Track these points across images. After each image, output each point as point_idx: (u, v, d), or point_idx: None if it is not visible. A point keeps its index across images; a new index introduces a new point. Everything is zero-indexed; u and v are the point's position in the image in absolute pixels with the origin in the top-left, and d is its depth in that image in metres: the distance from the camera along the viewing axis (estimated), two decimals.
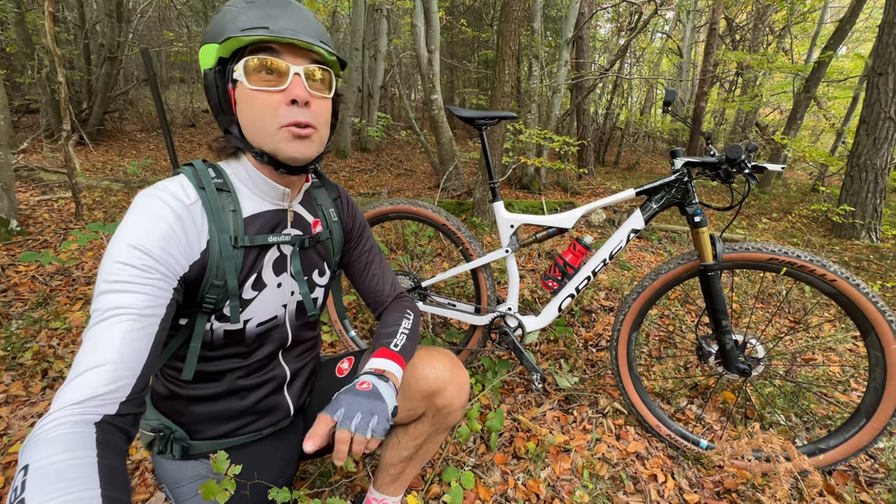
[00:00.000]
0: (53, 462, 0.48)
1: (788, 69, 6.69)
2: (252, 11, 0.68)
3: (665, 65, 13.55)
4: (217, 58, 0.70)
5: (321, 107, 0.73)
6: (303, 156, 0.72)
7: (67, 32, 7.38)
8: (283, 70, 0.68)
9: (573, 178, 6.77)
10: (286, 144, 0.70)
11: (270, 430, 0.90)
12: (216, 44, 0.68)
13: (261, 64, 0.67)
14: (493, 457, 1.38)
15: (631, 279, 2.81)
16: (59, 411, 0.53)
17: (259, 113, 0.69)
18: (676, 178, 1.33)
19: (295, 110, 0.69)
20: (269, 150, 0.72)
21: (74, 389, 0.54)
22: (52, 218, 3.13)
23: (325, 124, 0.75)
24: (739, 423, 1.58)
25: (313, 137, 0.72)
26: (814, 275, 1.21)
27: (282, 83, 0.68)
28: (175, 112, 9.95)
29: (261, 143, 0.72)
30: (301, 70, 0.69)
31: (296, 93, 0.68)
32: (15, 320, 1.92)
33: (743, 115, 9.60)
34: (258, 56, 0.68)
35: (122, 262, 0.61)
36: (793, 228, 4.72)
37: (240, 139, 0.74)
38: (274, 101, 0.69)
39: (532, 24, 5.65)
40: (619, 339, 1.48)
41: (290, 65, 0.68)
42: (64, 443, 0.50)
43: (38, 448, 0.49)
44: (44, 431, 0.51)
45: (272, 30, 0.66)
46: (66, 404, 0.53)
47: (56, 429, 0.51)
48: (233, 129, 0.74)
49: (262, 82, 0.68)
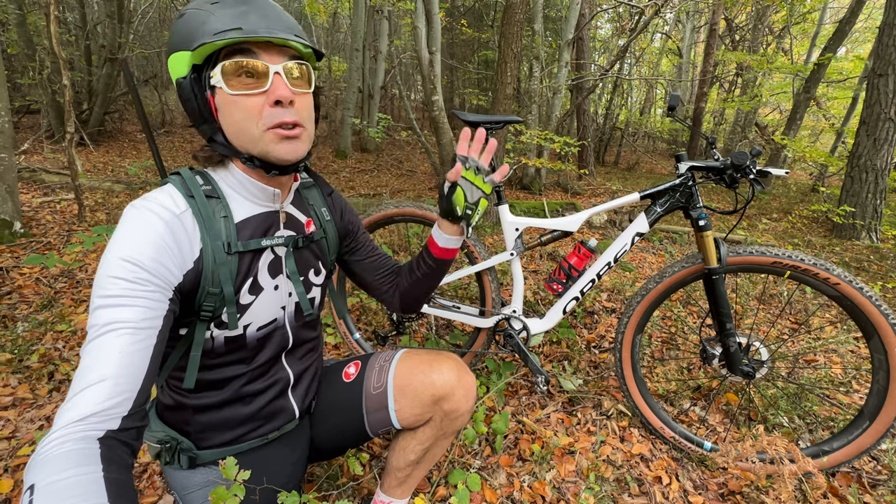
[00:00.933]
0: (59, 480, 0.48)
1: (788, 69, 6.71)
2: (220, 11, 0.65)
3: (665, 65, 13.57)
4: (190, 65, 0.67)
5: (304, 103, 0.72)
6: (294, 156, 0.71)
7: (69, 33, 7.38)
8: (262, 70, 0.66)
9: (574, 178, 6.78)
10: (275, 146, 0.69)
11: (276, 433, 0.90)
12: (188, 51, 0.66)
13: (238, 66, 0.65)
14: (499, 459, 1.39)
15: (633, 280, 2.82)
16: (61, 429, 0.53)
17: (243, 118, 0.68)
18: (681, 182, 1.34)
19: (280, 111, 0.68)
20: (259, 154, 0.70)
21: (75, 407, 0.54)
22: (54, 220, 3.13)
23: (310, 120, 0.74)
24: (743, 426, 1.59)
25: (302, 136, 0.71)
26: (817, 278, 1.22)
27: (262, 84, 0.67)
28: (175, 112, 9.95)
29: (248, 149, 0.70)
30: (280, 68, 0.67)
31: (279, 93, 0.67)
32: (20, 323, 1.92)
33: (742, 115, 9.62)
34: (234, 59, 0.65)
35: (115, 277, 0.61)
36: (793, 229, 4.74)
37: (226, 146, 0.72)
38: (257, 104, 0.67)
39: (532, 25, 5.66)
40: (623, 342, 1.49)
41: (268, 64, 0.66)
42: (69, 460, 0.50)
43: (43, 467, 0.49)
44: (48, 450, 0.51)
45: (245, 30, 0.64)
46: (68, 422, 0.53)
47: (60, 447, 0.51)
48: (217, 137, 0.72)
49: (242, 86, 0.66)
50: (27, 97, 7.09)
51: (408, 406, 0.92)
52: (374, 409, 0.94)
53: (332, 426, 0.98)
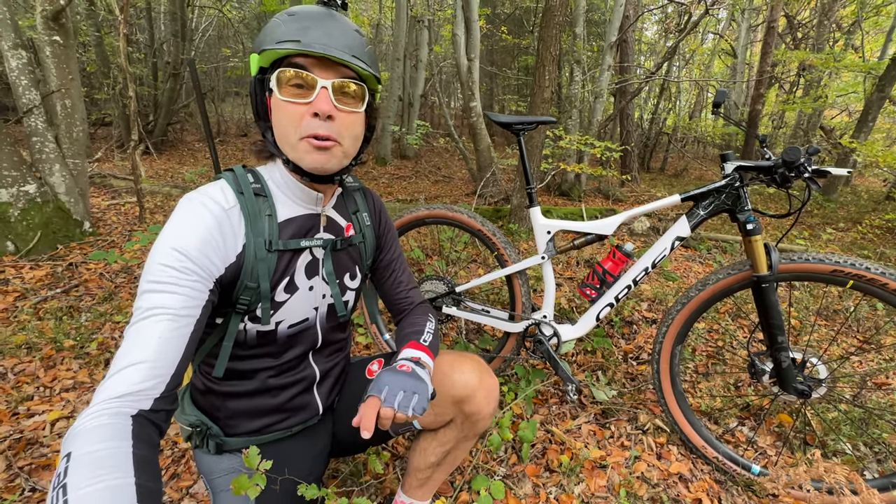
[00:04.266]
0: (93, 451, 0.51)
1: (858, 67, 6.16)
2: (291, 24, 0.70)
3: (717, 66, 12.89)
4: (258, 66, 0.74)
5: (348, 120, 0.74)
6: (321, 166, 0.74)
7: (139, 52, 8.09)
8: (311, 83, 0.70)
9: (615, 184, 6.55)
10: (305, 155, 0.72)
11: (300, 427, 0.92)
12: (257, 54, 0.72)
13: (291, 76, 0.70)
14: (525, 468, 1.35)
15: (676, 290, 2.67)
16: (99, 404, 0.57)
17: (286, 123, 0.72)
18: (727, 184, 1.25)
19: (316, 123, 0.71)
20: (293, 159, 0.75)
21: (114, 385, 0.58)
22: (119, 220, 3.41)
23: (350, 137, 0.76)
24: (797, 450, 1.45)
25: (334, 151, 0.73)
26: (886, 289, 1.09)
27: (309, 96, 0.70)
28: (230, 123, 10.61)
29: (287, 152, 0.75)
30: (329, 84, 0.70)
31: (319, 106, 0.70)
32: (84, 313, 2.10)
33: (805, 117, 8.94)
34: (290, 69, 0.70)
35: (163, 264, 0.65)
36: (863, 240, 4.31)
37: (273, 145, 0.77)
38: (299, 112, 0.71)
39: (574, 28, 5.56)
40: (662, 353, 1.40)
41: (318, 78, 0.70)
42: (103, 433, 0.53)
43: (80, 438, 0.53)
44: (85, 422, 0.55)
45: (303, 43, 0.68)
46: (105, 398, 0.57)
47: (96, 419, 0.55)
48: (268, 134, 0.78)
49: (291, 94, 0.70)
50: (102, 111, 7.81)
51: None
52: None
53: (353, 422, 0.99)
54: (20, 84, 2.66)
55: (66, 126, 2.84)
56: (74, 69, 2.84)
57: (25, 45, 2.70)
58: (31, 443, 1.35)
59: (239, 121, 10.87)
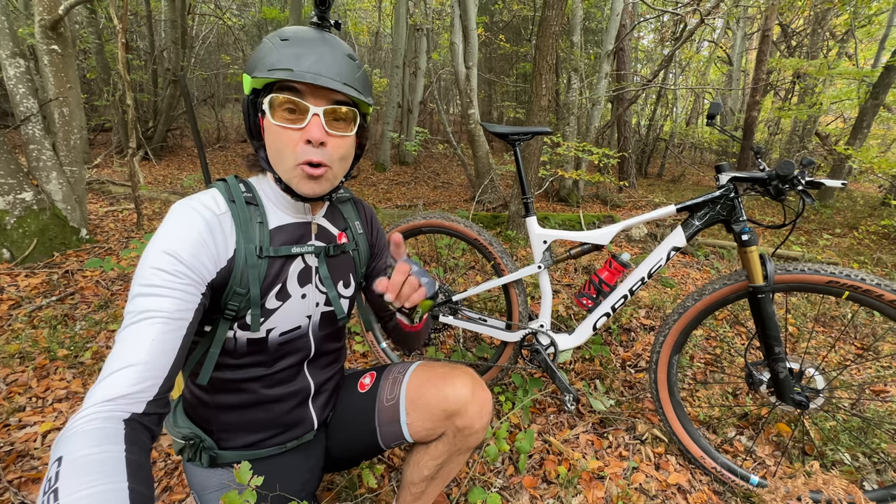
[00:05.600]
0: (85, 455, 0.51)
1: (852, 75, 6.22)
2: (283, 50, 0.71)
3: (713, 73, 12.99)
4: (251, 88, 0.74)
5: (338, 144, 0.75)
6: (313, 193, 0.76)
7: (139, 59, 8.12)
8: (304, 109, 0.71)
9: (613, 190, 6.57)
10: (299, 181, 0.74)
11: (294, 443, 0.91)
12: (249, 76, 0.73)
13: (283, 102, 0.71)
14: (522, 479, 1.34)
15: (674, 297, 2.67)
16: (91, 408, 0.56)
17: (280, 147, 0.73)
18: (722, 195, 1.26)
19: (310, 149, 0.72)
20: (285, 181, 0.76)
21: (106, 388, 0.58)
22: (116, 227, 3.40)
23: (340, 160, 0.77)
24: (796, 460, 1.44)
25: (326, 175, 0.75)
26: (882, 300, 1.10)
27: (301, 122, 0.71)
28: (229, 129, 10.63)
29: (279, 173, 0.76)
30: (321, 111, 0.71)
31: (311, 133, 0.71)
32: (79, 321, 2.08)
33: (800, 124, 9.00)
34: (282, 94, 0.71)
35: (156, 268, 0.65)
36: (859, 245, 4.33)
37: (266, 162, 0.79)
38: (293, 138, 0.72)
39: (571, 37, 5.61)
40: (659, 362, 1.40)
41: (310, 105, 0.71)
42: (95, 437, 0.53)
43: (72, 441, 0.52)
44: (77, 426, 0.54)
45: (296, 72, 0.69)
46: (97, 401, 0.57)
47: (88, 423, 0.54)
48: (260, 152, 0.79)
49: (283, 119, 0.71)
50: (101, 117, 7.83)
51: (420, 420, 0.91)
52: (387, 422, 0.93)
53: (345, 436, 0.98)
54: (18, 92, 2.67)
55: (63, 134, 2.85)
56: (73, 77, 2.85)
57: (24, 54, 2.71)
58: (21, 455, 1.34)
59: (239, 127, 10.89)
